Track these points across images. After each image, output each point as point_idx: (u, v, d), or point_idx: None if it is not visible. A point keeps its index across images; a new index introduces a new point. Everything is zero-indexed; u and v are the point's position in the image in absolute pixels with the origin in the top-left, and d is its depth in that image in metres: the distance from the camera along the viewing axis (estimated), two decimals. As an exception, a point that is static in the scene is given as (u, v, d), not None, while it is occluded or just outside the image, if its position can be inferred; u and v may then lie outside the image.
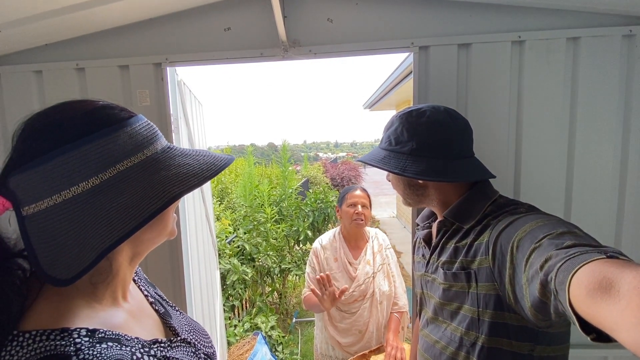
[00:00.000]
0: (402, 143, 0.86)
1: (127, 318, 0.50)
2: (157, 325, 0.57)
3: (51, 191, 0.41)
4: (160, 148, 0.49)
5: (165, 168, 0.48)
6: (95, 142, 0.43)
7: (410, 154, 0.84)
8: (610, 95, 1.28)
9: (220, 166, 0.51)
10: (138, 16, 1.34)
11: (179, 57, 1.37)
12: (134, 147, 0.46)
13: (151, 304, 0.60)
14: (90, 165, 0.42)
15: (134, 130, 0.47)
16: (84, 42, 1.38)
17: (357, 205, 1.78)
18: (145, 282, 0.65)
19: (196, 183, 0.48)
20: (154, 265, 1.43)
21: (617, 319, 0.37)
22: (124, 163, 0.44)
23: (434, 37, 1.31)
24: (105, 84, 1.37)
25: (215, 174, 0.50)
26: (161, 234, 0.52)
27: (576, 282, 0.44)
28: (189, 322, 0.64)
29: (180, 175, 0.48)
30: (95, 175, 0.42)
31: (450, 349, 0.82)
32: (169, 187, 0.46)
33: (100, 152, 0.43)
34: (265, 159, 15.78)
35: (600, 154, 1.31)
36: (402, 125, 0.87)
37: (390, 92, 5.82)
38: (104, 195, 0.43)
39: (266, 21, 1.34)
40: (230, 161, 0.54)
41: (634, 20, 1.26)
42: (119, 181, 0.44)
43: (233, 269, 3.33)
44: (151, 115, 1.37)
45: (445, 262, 0.84)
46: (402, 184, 0.93)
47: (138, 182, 0.45)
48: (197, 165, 0.50)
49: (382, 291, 1.75)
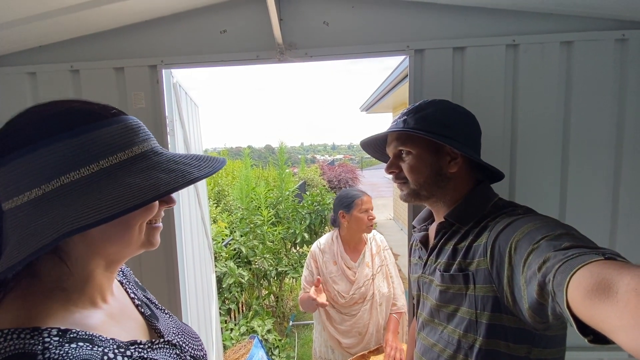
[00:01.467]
0: (442, 126, 0.84)
1: (105, 319, 0.49)
2: (141, 328, 0.56)
3: (31, 184, 0.42)
4: (150, 148, 0.49)
5: (154, 166, 0.48)
6: (75, 138, 0.43)
7: (454, 139, 0.84)
8: (604, 98, 1.29)
9: (214, 166, 0.51)
10: (133, 18, 1.34)
11: (174, 60, 1.36)
12: (121, 143, 0.46)
13: (137, 307, 0.59)
14: (67, 161, 0.43)
15: (121, 127, 0.47)
16: (78, 43, 1.37)
17: (369, 211, 1.78)
18: (134, 285, 0.65)
19: (184, 183, 0.47)
20: (149, 269, 1.42)
21: (616, 320, 0.37)
22: (109, 159, 0.45)
23: (429, 41, 1.31)
24: (100, 86, 1.36)
25: (205, 176, 0.49)
26: (129, 247, 0.50)
27: (574, 284, 0.44)
28: (178, 325, 0.64)
29: (173, 172, 0.47)
30: (95, 162, 0.44)
31: (448, 351, 0.81)
32: (155, 182, 0.46)
33: (78, 149, 0.43)
34: (263, 161, 15.77)
35: (594, 157, 1.32)
36: (441, 109, 0.88)
37: (387, 95, 5.84)
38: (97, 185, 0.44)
39: (262, 24, 1.34)
40: (223, 163, 0.53)
41: (627, 24, 1.27)
42: (101, 178, 0.44)
43: (229, 272, 3.31)
44: (146, 118, 1.36)
45: (443, 264, 0.84)
46: (430, 169, 0.86)
47: (131, 175, 0.45)
48: (188, 166, 0.49)
49: (381, 293, 1.75)
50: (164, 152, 0.52)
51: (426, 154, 0.86)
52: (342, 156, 54.68)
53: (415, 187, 0.88)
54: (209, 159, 0.53)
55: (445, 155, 0.86)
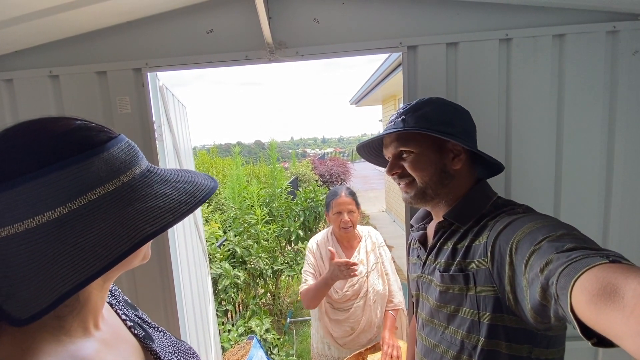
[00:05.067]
0: (444, 124, 0.83)
1: (99, 348, 0.47)
2: (136, 351, 0.54)
3: (13, 219, 0.37)
4: (139, 172, 0.46)
5: (141, 199, 0.44)
6: (67, 169, 0.39)
7: (457, 136, 0.83)
8: (596, 90, 1.29)
9: (201, 198, 0.48)
10: (115, 19, 1.28)
11: (159, 62, 1.31)
12: (109, 173, 0.42)
13: (130, 328, 0.57)
14: (59, 193, 0.39)
15: (111, 155, 0.43)
16: (57, 47, 1.30)
17: (342, 214, 1.77)
18: (124, 305, 0.62)
19: (171, 220, 0.44)
20: (143, 280, 1.39)
21: (622, 326, 0.37)
22: (96, 191, 0.41)
23: (422, 37, 1.29)
24: (81, 91, 1.30)
25: (194, 208, 0.47)
26: (132, 262, 0.50)
27: (579, 288, 0.43)
28: (173, 343, 0.61)
29: (156, 210, 0.44)
30: (63, 205, 0.39)
31: (451, 352, 0.81)
32: (141, 224, 0.43)
33: (71, 180, 0.39)
34: (253, 157, 15.64)
35: (587, 149, 1.32)
36: (439, 107, 0.87)
37: (376, 88, 5.83)
38: (70, 227, 0.39)
39: (250, 22, 1.30)
40: (213, 190, 0.51)
41: (618, 16, 1.27)
42: (89, 211, 0.40)
43: (225, 273, 3.28)
44: (133, 124, 1.31)
45: (442, 264, 0.83)
46: (434, 168, 0.84)
47: (109, 214, 0.42)
48: (176, 196, 0.47)
49: (375, 290, 1.75)
50: (158, 169, 0.50)
51: (430, 152, 0.84)
52: (332, 149, 54.66)
53: (422, 184, 0.85)
54: (198, 180, 0.51)
55: (448, 152, 0.85)
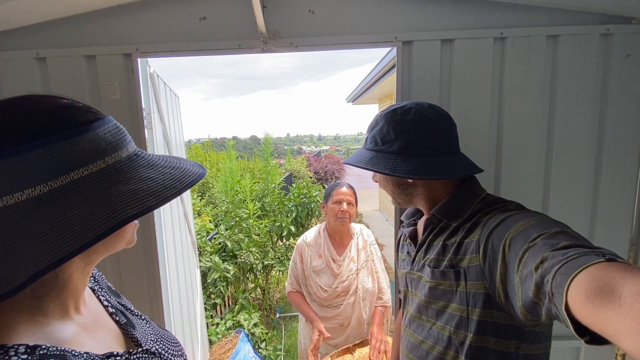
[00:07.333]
0: (389, 142, 0.84)
1: (78, 331, 0.46)
2: (117, 338, 0.53)
3: None
4: (126, 155, 0.45)
5: (125, 181, 0.43)
6: (50, 146, 0.38)
7: (399, 153, 0.82)
8: (588, 92, 1.30)
9: (187, 183, 0.47)
10: (106, 2, 1.24)
11: (150, 48, 1.28)
12: (94, 153, 0.41)
13: (111, 315, 0.56)
14: (41, 171, 0.38)
15: (97, 135, 0.43)
16: (45, 29, 1.27)
17: (342, 203, 1.76)
18: (107, 291, 0.61)
19: (154, 204, 0.43)
20: (127, 267, 1.37)
21: (619, 325, 0.37)
22: (79, 171, 0.40)
23: (417, 32, 1.28)
24: (69, 75, 1.27)
25: (179, 192, 0.46)
26: (116, 246, 0.49)
27: (575, 286, 0.43)
28: (156, 331, 0.61)
29: (139, 192, 0.43)
30: (44, 183, 0.38)
31: (437, 348, 0.81)
32: (122, 205, 0.42)
33: (53, 158, 0.38)
34: (248, 152, 15.54)
35: (577, 149, 1.33)
36: (388, 124, 0.84)
37: (372, 87, 5.82)
38: (49, 206, 0.38)
39: (244, 11, 1.28)
40: (201, 176, 0.50)
41: (611, 19, 1.28)
42: (70, 191, 0.39)
43: (214, 266, 3.26)
44: (121, 110, 1.28)
45: (432, 260, 0.83)
46: (391, 184, 0.91)
47: (91, 195, 0.41)
48: (162, 180, 0.46)
49: (365, 288, 1.75)
50: (147, 154, 0.49)
51: (381, 175, 0.91)
52: (328, 147, 54.63)
53: (391, 196, 0.96)
54: (186, 167, 0.51)
55: None
